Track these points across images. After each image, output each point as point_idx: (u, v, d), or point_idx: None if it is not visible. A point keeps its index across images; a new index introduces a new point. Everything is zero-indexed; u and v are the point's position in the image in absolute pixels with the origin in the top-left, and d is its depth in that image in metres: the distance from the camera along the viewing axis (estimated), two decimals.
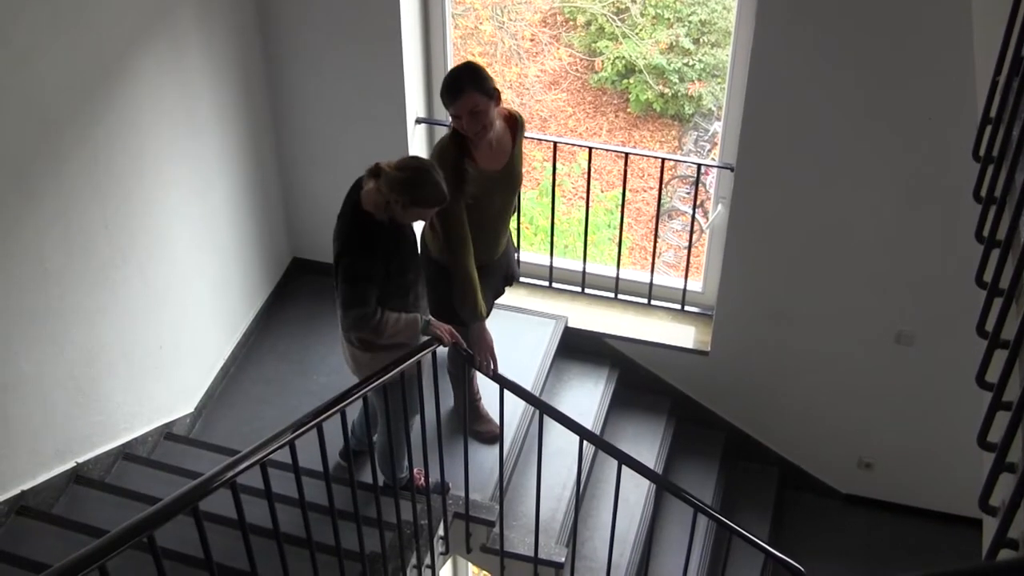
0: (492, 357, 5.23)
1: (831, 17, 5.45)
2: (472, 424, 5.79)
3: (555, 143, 6.84)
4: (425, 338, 4.90)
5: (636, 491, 6.18)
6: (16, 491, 4.95)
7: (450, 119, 4.96)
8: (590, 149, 6.82)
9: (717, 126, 12.24)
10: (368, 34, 6.13)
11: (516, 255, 5.71)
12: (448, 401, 5.89)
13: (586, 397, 6.70)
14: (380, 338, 4.73)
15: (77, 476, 5.32)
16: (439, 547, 5.58)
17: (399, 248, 4.70)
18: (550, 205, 6.89)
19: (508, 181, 5.14)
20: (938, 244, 5.90)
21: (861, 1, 5.36)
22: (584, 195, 6.92)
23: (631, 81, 13.57)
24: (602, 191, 12.68)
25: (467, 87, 4.77)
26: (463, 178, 4.90)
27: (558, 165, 6.80)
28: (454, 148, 4.93)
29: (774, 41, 5.57)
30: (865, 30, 5.43)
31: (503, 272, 5.61)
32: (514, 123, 5.16)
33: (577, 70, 14.14)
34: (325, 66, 6.38)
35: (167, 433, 5.98)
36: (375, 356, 4.87)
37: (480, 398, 5.95)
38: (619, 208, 6.99)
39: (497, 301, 6.65)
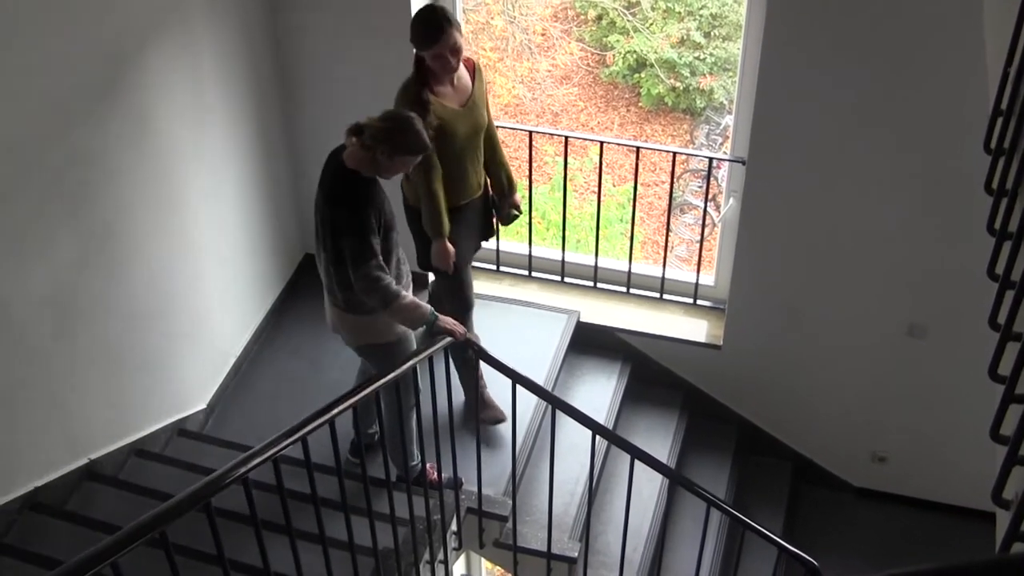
0: (448, 268, 5.42)
1: (841, 10, 5.44)
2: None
3: (566, 137, 6.84)
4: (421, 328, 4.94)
5: (649, 486, 6.17)
6: (29, 487, 4.96)
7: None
8: (601, 144, 6.81)
9: (729, 120, 12.24)
10: (380, 30, 6.14)
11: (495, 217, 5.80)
12: (458, 396, 5.88)
13: (599, 392, 6.70)
14: (385, 307, 4.72)
15: (90, 472, 5.33)
16: (452, 542, 5.58)
17: (384, 204, 4.78)
18: (562, 199, 6.90)
19: (470, 117, 5.30)
20: (951, 236, 5.88)
21: None
22: (596, 189, 6.91)
23: (642, 75, 13.57)
24: (614, 185, 12.68)
25: (446, 26, 5.01)
26: (426, 108, 5.06)
27: (570, 160, 6.81)
28: (416, 84, 5.15)
29: (785, 34, 5.56)
30: (876, 22, 5.41)
31: (478, 223, 5.69)
32: (472, 65, 5.40)
33: (588, 65, 14.13)
34: (336, 62, 6.39)
35: (180, 429, 5.99)
36: (360, 319, 4.94)
37: (485, 385, 5.96)
38: (631, 202, 6.98)
39: (509, 296, 6.68)
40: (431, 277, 5.87)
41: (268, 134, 6.51)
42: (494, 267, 7.06)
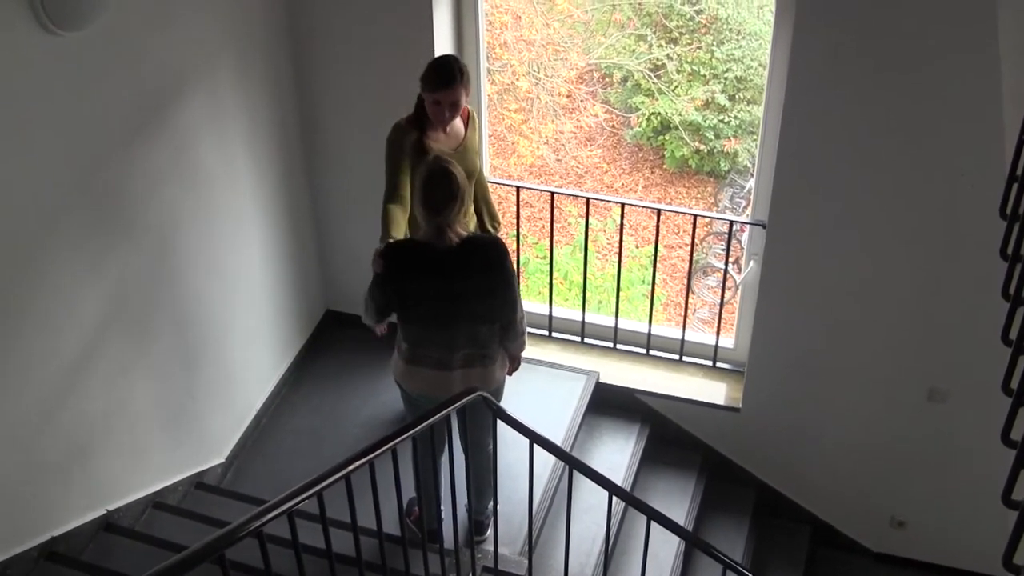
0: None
1: (864, 74, 5.47)
2: None
3: (588, 199, 6.89)
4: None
5: (666, 547, 6.15)
6: (46, 537, 4.97)
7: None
8: (623, 205, 6.84)
9: (752, 183, 12.27)
10: (404, 91, 6.18)
11: None
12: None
13: (617, 452, 6.69)
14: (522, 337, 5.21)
15: (107, 523, 5.35)
16: None
17: None
18: (583, 260, 6.94)
19: (460, 160, 5.31)
20: (971, 301, 5.87)
21: (895, 59, 5.38)
22: (618, 251, 6.94)
23: (667, 137, 13.62)
24: (637, 247, 12.71)
25: (457, 79, 5.15)
26: (426, 154, 5.17)
27: (592, 221, 6.84)
28: (414, 129, 5.30)
29: (806, 98, 5.59)
30: (898, 88, 5.44)
31: None
32: (467, 113, 5.52)
33: (613, 126, 14.20)
34: (362, 120, 6.44)
35: (198, 482, 6.00)
36: (496, 367, 5.23)
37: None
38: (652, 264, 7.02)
39: (529, 356, 6.67)
40: None
41: (292, 191, 6.57)
42: None
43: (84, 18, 4.49)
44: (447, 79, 5.12)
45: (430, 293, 4.87)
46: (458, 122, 5.44)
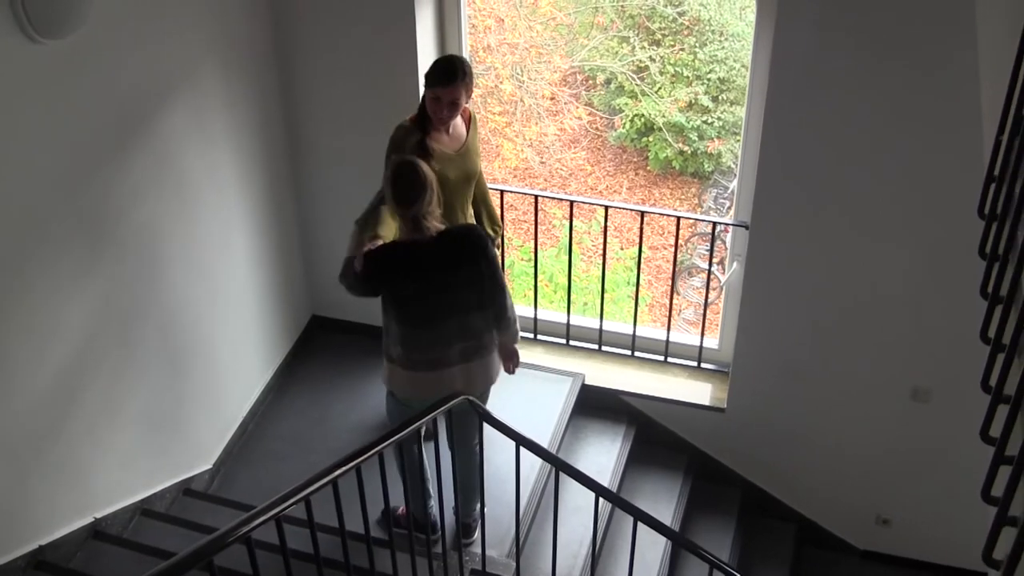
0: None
1: (846, 75, 5.49)
2: None
3: (571, 201, 6.91)
4: None
5: (653, 548, 6.17)
6: (34, 546, 4.96)
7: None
8: (606, 208, 6.86)
9: (736, 184, 12.30)
10: (389, 94, 6.21)
11: None
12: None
13: (603, 454, 6.71)
14: (515, 323, 5.26)
15: (95, 531, 5.34)
16: None
17: None
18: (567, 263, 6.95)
19: (463, 163, 5.41)
20: (954, 301, 5.88)
21: (876, 61, 5.40)
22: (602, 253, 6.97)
23: (651, 139, 13.63)
24: (622, 248, 12.72)
25: (459, 79, 5.15)
26: (429, 155, 5.19)
27: (577, 223, 6.86)
28: (417, 130, 5.29)
29: (788, 99, 5.62)
30: (880, 88, 5.47)
31: None
32: (468, 115, 5.52)
33: (596, 128, 14.21)
34: (346, 125, 6.46)
35: (185, 489, 6.00)
36: (494, 357, 5.31)
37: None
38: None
39: None
40: None
41: (277, 196, 6.57)
42: None
43: (68, 26, 4.49)
44: (448, 76, 5.12)
45: (419, 291, 4.89)
46: (460, 124, 5.45)
